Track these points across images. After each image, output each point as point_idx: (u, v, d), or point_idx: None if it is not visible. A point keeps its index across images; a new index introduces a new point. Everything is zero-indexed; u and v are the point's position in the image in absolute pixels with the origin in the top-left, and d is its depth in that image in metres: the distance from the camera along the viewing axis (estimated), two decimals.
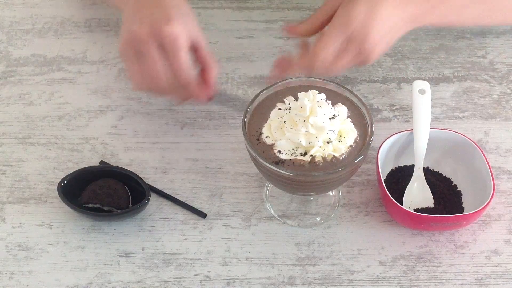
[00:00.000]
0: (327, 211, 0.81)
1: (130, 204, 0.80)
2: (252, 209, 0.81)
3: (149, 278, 0.75)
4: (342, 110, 0.71)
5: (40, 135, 0.89)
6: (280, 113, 0.71)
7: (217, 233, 0.79)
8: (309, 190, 0.73)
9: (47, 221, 0.80)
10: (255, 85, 0.94)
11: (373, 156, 0.83)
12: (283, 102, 0.71)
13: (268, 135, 0.71)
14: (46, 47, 1.01)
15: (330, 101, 0.71)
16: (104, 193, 0.78)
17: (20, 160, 0.86)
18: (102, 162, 0.85)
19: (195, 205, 0.81)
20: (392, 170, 0.82)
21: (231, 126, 0.90)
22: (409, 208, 0.76)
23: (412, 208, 0.77)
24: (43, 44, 1.01)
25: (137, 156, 0.86)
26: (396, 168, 0.82)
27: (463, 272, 0.75)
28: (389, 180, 0.81)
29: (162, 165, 0.85)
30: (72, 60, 0.99)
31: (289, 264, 0.76)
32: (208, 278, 0.75)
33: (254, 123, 0.72)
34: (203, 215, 0.80)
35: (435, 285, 0.74)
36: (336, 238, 0.78)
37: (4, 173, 0.85)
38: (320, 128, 0.68)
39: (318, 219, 0.80)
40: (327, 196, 0.82)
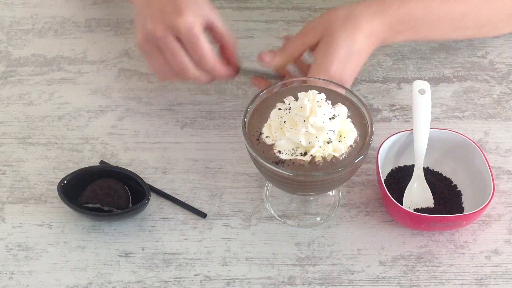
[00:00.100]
0: (327, 211, 0.81)
1: (130, 204, 0.80)
2: (252, 209, 0.81)
3: (149, 278, 0.75)
4: (342, 110, 0.71)
5: (40, 135, 0.89)
6: (280, 113, 0.71)
7: (217, 233, 0.79)
8: (309, 190, 0.73)
9: (47, 221, 0.80)
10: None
11: (373, 156, 0.82)
12: (283, 102, 0.71)
13: (268, 135, 0.70)
14: (46, 47, 1.01)
15: (330, 101, 0.71)
16: (104, 193, 0.78)
17: (20, 160, 0.86)
18: (102, 162, 0.85)
19: (195, 205, 0.81)
20: (392, 170, 0.82)
21: (231, 126, 0.90)
22: (409, 208, 0.76)
23: (412, 208, 0.77)
24: (43, 44, 1.01)
25: (137, 156, 0.86)
26: (396, 168, 0.82)
27: (463, 272, 0.75)
28: (389, 180, 0.80)
29: (162, 165, 0.85)
30: (72, 60, 0.99)
31: (289, 264, 0.76)
32: (208, 278, 0.75)
33: (254, 123, 0.72)
34: (203, 215, 0.80)
35: (435, 285, 0.74)
36: (336, 238, 0.78)
37: (4, 173, 0.85)
38: (320, 128, 0.68)
39: (318, 219, 0.80)
40: (327, 196, 0.82)
